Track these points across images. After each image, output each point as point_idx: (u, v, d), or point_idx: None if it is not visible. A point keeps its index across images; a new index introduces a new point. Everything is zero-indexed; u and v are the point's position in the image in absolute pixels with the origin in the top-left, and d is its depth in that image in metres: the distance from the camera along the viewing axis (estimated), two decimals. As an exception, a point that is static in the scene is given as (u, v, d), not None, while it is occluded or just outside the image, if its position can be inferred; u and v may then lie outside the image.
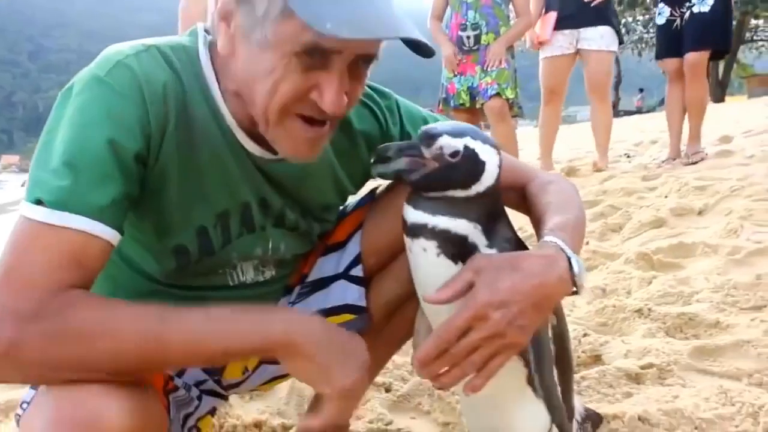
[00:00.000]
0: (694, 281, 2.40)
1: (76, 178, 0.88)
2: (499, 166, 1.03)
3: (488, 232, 1.01)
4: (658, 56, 5.25)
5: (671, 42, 5.03)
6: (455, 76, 4.66)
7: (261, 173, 1.10)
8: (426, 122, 1.25)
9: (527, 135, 13.36)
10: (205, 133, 1.03)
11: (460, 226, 0.99)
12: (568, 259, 0.98)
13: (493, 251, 1.01)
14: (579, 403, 1.30)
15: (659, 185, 4.25)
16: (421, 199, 1.01)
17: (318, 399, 1.44)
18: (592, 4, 5.01)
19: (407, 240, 1.04)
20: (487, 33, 4.59)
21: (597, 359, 1.87)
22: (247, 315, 0.95)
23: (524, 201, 1.22)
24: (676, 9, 4.98)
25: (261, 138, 1.04)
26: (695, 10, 4.88)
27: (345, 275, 1.29)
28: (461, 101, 4.65)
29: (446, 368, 0.96)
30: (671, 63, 5.05)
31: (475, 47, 4.60)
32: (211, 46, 1.04)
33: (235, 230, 1.11)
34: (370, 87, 1.21)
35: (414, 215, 1.01)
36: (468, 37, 4.60)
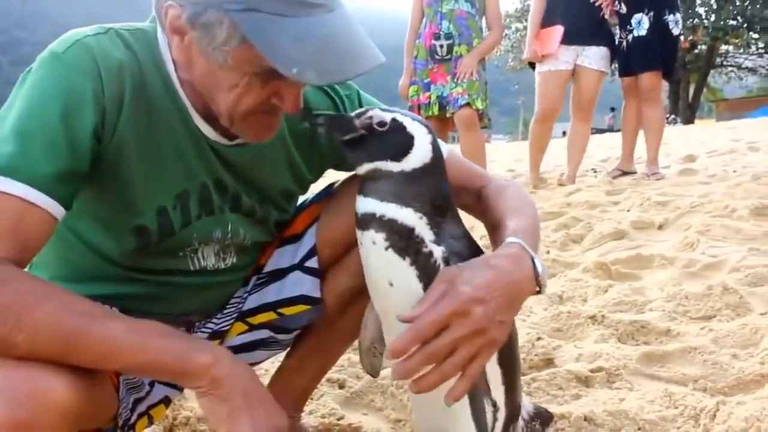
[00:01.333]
0: (649, 291, 2.46)
1: (22, 147, 0.89)
2: (433, 145, 1.05)
3: (435, 227, 1.03)
4: (619, 74, 5.56)
5: (621, 62, 5.37)
6: (424, 85, 4.70)
7: (216, 156, 1.11)
8: None
9: (500, 148, 13.49)
10: (162, 113, 1.04)
11: (407, 216, 1.01)
12: (532, 259, 1.01)
13: (441, 248, 1.02)
14: (528, 402, 1.32)
15: (622, 200, 4.33)
16: (371, 186, 1.03)
17: None
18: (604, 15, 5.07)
19: (358, 233, 1.06)
20: (459, 44, 4.62)
21: (549, 362, 1.89)
22: (179, 338, 0.95)
23: (478, 203, 1.24)
24: (622, 32, 5.31)
25: (216, 122, 1.06)
26: (635, 33, 5.20)
27: (300, 266, 1.30)
28: (430, 111, 4.67)
29: (424, 371, 0.93)
30: (624, 81, 5.38)
31: (447, 57, 4.63)
32: None
33: (195, 211, 1.12)
34: None
35: (364, 204, 1.03)
36: (441, 46, 4.62)
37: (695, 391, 1.67)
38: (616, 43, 5.30)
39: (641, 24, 5.14)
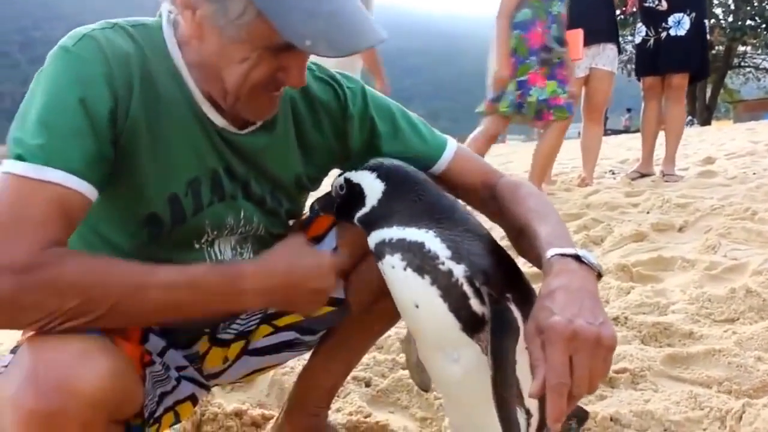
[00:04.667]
0: (671, 293, 2.46)
1: (50, 136, 0.92)
2: (381, 177, 1.14)
3: (448, 242, 1.03)
4: (637, 73, 5.41)
5: (646, 60, 5.21)
6: (518, 83, 4.39)
7: (226, 144, 1.13)
8: (393, 114, 1.29)
9: (516, 149, 13.46)
10: (170, 101, 1.06)
11: (412, 233, 1.04)
12: (578, 258, 0.99)
13: (462, 267, 1.01)
14: None
15: (642, 201, 4.32)
16: (370, 228, 1.12)
17: (291, 403, 1.47)
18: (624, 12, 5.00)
19: (379, 266, 1.10)
20: (564, 50, 4.43)
21: (573, 363, 1.90)
22: (219, 265, 1.06)
23: (492, 201, 1.25)
24: (651, 29, 5.15)
25: (224, 111, 1.10)
26: (672, 33, 5.06)
27: None
28: (527, 111, 4.40)
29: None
30: (647, 81, 5.23)
31: (556, 61, 4.41)
32: (175, 22, 1.08)
33: (206, 197, 1.13)
34: (339, 74, 1.28)
35: (372, 239, 1.10)
36: (551, 49, 4.40)
37: (720, 393, 1.68)
38: (640, 40, 5.22)
39: (681, 24, 5.01)
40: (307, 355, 1.47)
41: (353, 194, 1.16)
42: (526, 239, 1.11)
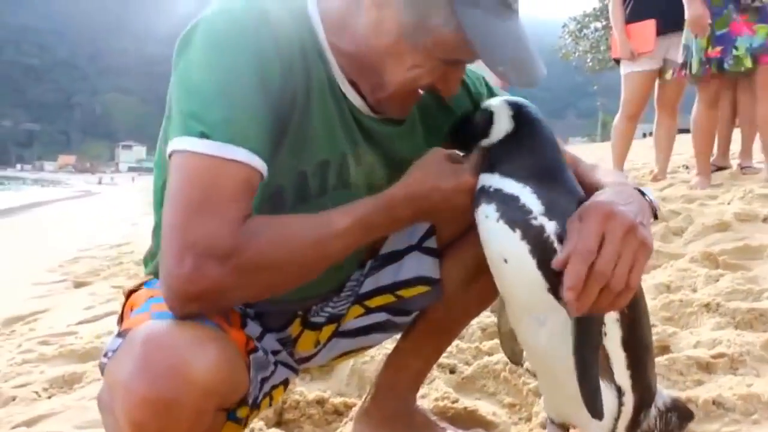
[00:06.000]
0: (763, 280, 2.35)
1: (233, 110, 0.91)
2: (515, 118, 1.11)
3: (543, 198, 1.01)
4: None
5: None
6: (716, 38, 4.04)
7: (359, 127, 1.13)
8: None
9: (578, 149, 13.20)
10: (316, 80, 1.05)
11: (509, 185, 1.03)
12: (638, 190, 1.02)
13: (553, 223, 0.99)
14: (666, 393, 1.26)
15: (720, 193, 4.15)
16: (481, 167, 1.10)
17: (379, 387, 1.45)
18: None
19: (474, 213, 1.08)
20: None
21: (665, 349, 1.83)
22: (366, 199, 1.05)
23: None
24: None
25: (359, 92, 1.09)
26: None
27: (419, 247, 1.30)
28: (741, 65, 4.03)
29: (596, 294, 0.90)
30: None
31: (754, 2, 3.98)
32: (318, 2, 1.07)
33: (332, 181, 1.12)
34: None
35: (479, 180, 1.09)
36: None
37: (829, 377, 1.58)
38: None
39: None
40: (387, 344, 1.44)
41: (477, 121, 1.15)
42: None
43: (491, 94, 1.28)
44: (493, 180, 1.06)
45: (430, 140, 1.23)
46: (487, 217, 1.04)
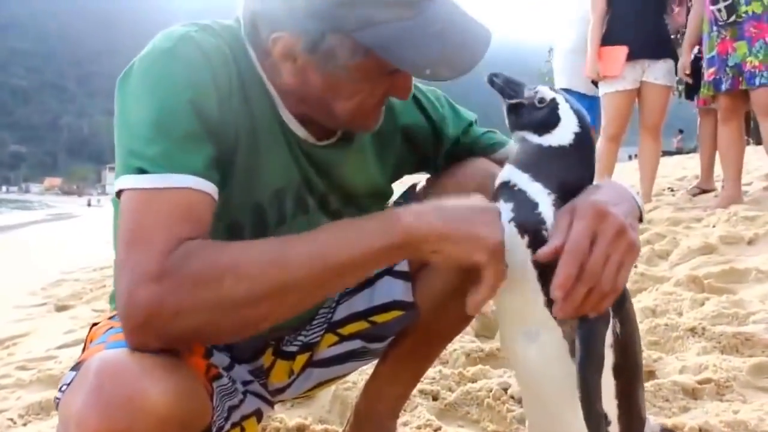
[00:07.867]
0: (749, 304, 2.33)
1: (169, 142, 0.89)
2: (578, 134, 1.02)
3: None
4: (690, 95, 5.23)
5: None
6: (708, 60, 4.08)
7: (303, 154, 1.11)
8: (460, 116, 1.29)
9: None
10: (258, 107, 1.04)
11: (536, 190, 0.98)
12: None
13: None
14: (653, 421, 1.23)
15: (705, 216, 4.16)
16: (516, 155, 1.04)
17: (358, 414, 1.41)
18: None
19: None
20: (749, 2, 3.90)
21: (651, 374, 1.81)
22: (362, 220, 0.93)
23: None
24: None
25: (303, 121, 1.07)
26: None
27: (390, 271, 1.27)
28: (731, 84, 4.06)
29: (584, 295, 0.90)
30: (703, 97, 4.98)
31: (731, 20, 3.98)
32: (252, 35, 1.04)
33: (290, 210, 1.10)
34: None
35: (505, 172, 1.03)
36: (719, 11, 3.98)
37: (816, 403, 1.56)
38: (692, 58, 5.05)
39: None
40: (369, 369, 1.41)
41: (540, 115, 1.04)
42: None
43: (443, 103, 1.28)
44: (521, 179, 1.00)
45: (383, 156, 1.22)
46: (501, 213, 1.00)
